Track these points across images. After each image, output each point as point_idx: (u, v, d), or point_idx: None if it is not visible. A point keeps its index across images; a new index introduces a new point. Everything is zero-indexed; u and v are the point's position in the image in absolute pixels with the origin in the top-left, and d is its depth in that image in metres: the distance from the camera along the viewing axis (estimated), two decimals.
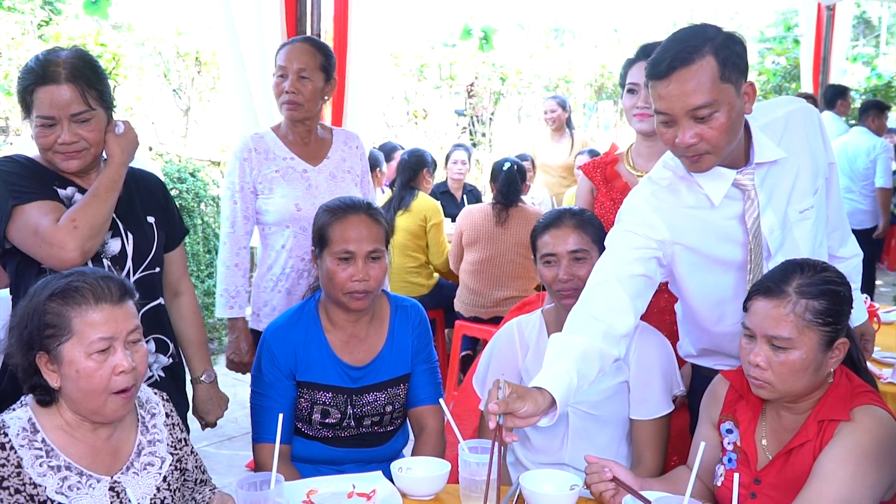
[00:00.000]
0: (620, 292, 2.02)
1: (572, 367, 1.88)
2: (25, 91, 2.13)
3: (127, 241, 2.28)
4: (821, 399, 1.83)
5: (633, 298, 2.03)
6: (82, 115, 2.12)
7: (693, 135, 1.90)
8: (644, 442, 2.31)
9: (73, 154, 2.15)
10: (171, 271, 2.46)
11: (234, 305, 3.04)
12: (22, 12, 7.80)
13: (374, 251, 2.28)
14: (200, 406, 2.53)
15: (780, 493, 1.80)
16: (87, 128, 2.14)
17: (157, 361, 2.39)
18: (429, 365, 2.44)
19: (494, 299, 4.71)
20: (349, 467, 2.33)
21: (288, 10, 3.86)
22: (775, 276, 1.82)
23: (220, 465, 4.12)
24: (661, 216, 2.09)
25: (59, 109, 2.10)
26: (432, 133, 10.96)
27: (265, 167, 2.99)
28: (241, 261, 3.04)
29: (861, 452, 1.72)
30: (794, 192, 2.08)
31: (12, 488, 1.67)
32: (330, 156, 3.10)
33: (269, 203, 3.00)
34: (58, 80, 2.09)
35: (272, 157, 3.01)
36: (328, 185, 3.04)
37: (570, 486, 1.96)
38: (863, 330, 2.43)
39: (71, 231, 2.08)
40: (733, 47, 1.90)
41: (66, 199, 2.21)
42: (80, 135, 2.13)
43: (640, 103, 2.63)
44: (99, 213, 2.13)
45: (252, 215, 3.04)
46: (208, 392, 2.53)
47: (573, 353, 1.91)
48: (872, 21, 19.72)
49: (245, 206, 3.01)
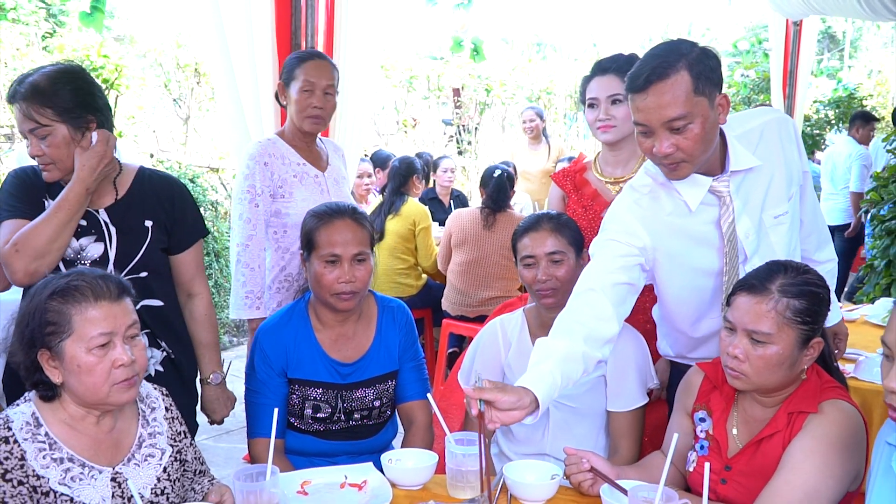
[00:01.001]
0: (604, 300, 2.02)
1: (556, 369, 1.89)
2: None
3: (110, 245, 2.26)
4: (791, 393, 1.84)
5: (617, 306, 2.04)
6: (36, 131, 2.15)
7: (669, 145, 1.92)
8: (620, 432, 2.32)
9: (46, 166, 2.19)
10: (182, 272, 2.43)
11: (259, 306, 2.98)
12: (27, 24, 7.75)
13: (359, 254, 2.28)
14: (208, 405, 2.52)
15: (749, 480, 1.81)
16: (46, 143, 2.16)
17: (153, 356, 2.37)
18: (416, 363, 2.44)
19: (480, 299, 4.72)
20: (341, 459, 2.33)
21: (279, 25, 3.85)
22: (760, 274, 1.83)
23: (219, 457, 4.10)
24: (642, 224, 2.10)
25: (20, 125, 2.17)
26: (421, 141, 10.97)
27: (283, 171, 2.98)
28: (262, 262, 3.00)
29: (828, 444, 1.73)
30: (769, 199, 2.10)
31: (15, 480, 1.66)
32: (331, 163, 3.14)
33: (290, 206, 2.97)
34: (15, 99, 2.16)
35: (287, 162, 3.00)
36: (334, 189, 3.08)
37: (551, 476, 1.97)
38: (836, 330, 2.44)
39: (13, 255, 2.10)
40: (707, 62, 1.92)
41: None
42: (41, 149, 2.16)
43: (602, 115, 2.64)
44: (43, 234, 2.11)
45: (269, 218, 3.01)
46: (215, 392, 2.51)
47: (556, 356, 1.92)
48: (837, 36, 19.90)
49: (266, 209, 2.98)
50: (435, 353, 5.17)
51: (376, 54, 4.21)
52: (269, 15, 3.81)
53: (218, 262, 6.32)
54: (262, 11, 3.78)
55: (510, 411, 1.78)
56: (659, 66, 1.88)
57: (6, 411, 1.74)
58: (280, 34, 3.86)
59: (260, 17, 3.78)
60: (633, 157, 2.70)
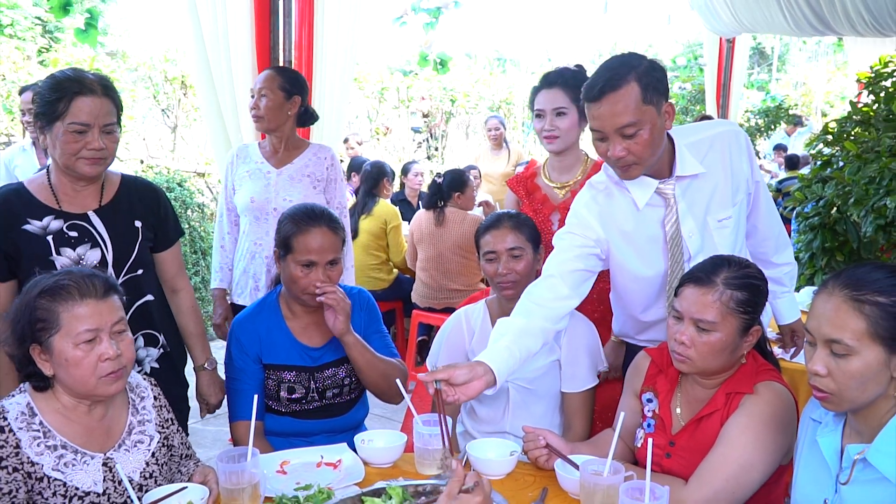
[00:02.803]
0: (562, 284, 2.06)
1: (513, 344, 1.91)
2: (59, 100, 2.05)
3: (107, 250, 2.21)
4: (730, 376, 1.85)
5: (574, 288, 2.08)
6: (111, 126, 2.11)
7: (622, 149, 1.93)
8: (573, 411, 2.33)
9: (97, 160, 2.12)
10: (166, 269, 2.40)
11: (222, 279, 3.31)
12: (23, 39, 7.61)
13: (333, 259, 2.26)
14: (203, 391, 2.47)
15: (691, 454, 1.81)
16: (110, 139, 2.12)
17: (149, 355, 2.33)
18: (380, 334, 2.42)
19: (444, 291, 4.72)
20: (318, 439, 2.30)
21: (259, 43, 3.85)
22: (706, 268, 1.83)
23: (206, 439, 4.05)
24: (598, 219, 2.12)
25: (95, 118, 2.07)
26: (392, 148, 10.94)
27: (240, 169, 3.23)
28: (225, 244, 3.31)
29: (761, 421, 1.74)
30: (713, 204, 2.10)
31: (10, 467, 1.63)
32: (294, 162, 3.20)
33: (237, 197, 3.22)
34: (96, 92, 2.07)
35: (248, 161, 3.23)
36: (284, 184, 3.16)
37: (510, 453, 1.97)
38: (794, 327, 2.44)
39: None
40: (654, 73, 1.92)
41: (42, 229, 2.14)
42: (105, 143, 2.10)
43: (547, 126, 2.61)
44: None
45: (233, 208, 3.27)
46: (210, 378, 2.47)
47: (514, 331, 1.95)
48: (766, 51, 20.18)
49: (228, 201, 3.28)
50: (406, 341, 5.15)
51: (349, 68, 4.20)
52: (248, 33, 3.81)
53: (205, 260, 6.24)
54: (242, 30, 3.79)
55: (468, 384, 1.81)
56: (612, 78, 1.89)
57: (2, 402, 1.70)
58: (260, 51, 3.86)
59: (240, 36, 3.79)
60: (578, 163, 2.71)
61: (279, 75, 3.15)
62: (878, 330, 1.41)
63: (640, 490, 1.55)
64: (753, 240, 2.28)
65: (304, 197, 3.10)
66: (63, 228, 2.16)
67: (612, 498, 1.61)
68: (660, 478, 1.73)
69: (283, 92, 3.11)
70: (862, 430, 1.51)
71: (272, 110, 3.11)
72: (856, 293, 1.43)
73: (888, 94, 3.79)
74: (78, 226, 2.18)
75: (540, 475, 1.92)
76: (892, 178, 3.12)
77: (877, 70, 3.98)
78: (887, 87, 3.85)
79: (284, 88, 3.11)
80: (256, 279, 3.19)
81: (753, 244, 2.29)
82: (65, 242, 2.15)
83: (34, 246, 2.13)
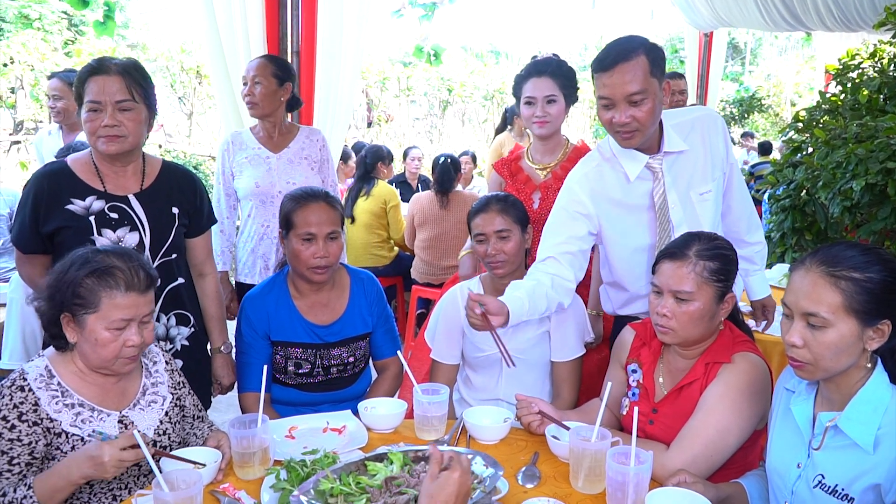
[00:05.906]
0: (561, 266, 2.09)
1: (525, 297, 1.96)
2: (81, 82, 2.03)
3: (144, 234, 2.14)
4: (708, 347, 1.84)
5: (573, 267, 2.12)
6: (125, 103, 2.03)
7: (628, 115, 1.96)
8: (562, 379, 2.31)
9: (113, 137, 2.05)
10: (195, 255, 2.34)
11: (224, 263, 3.14)
12: (50, 32, 7.52)
13: (332, 232, 2.21)
14: (218, 372, 2.40)
15: (672, 421, 1.80)
16: (127, 116, 2.05)
17: (180, 333, 2.29)
18: (387, 326, 2.39)
19: (443, 267, 4.69)
20: (323, 407, 2.28)
21: (269, 33, 3.79)
22: (678, 244, 1.83)
23: (222, 404, 4.01)
24: (589, 195, 2.13)
25: (107, 96, 2.02)
26: (393, 134, 10.87)
27: (238, 156, 3.11)
28: (224, 228, 3.15)
29: (737, 390, 1.73)
30: (694, 178, 2.13)
31: (30, 421, 1.63)
32: (290, 146, 3.13)
33: (239, 182, 3.10)
34: (109, 71, 2.03)
35: (244, 147, 3.11)
36: (285, 168, 3.08)
37: (504, 419, 1.95)
38: (765, 302, 2.42)
39: None
40: (658, 52, 1.98)
41: (84, 209, 2.08)
42: (120, 120, 2.04)
43: (539, 113, 2.59)
44: None
45: (232, 193, 3.15)
46: (225, 360, 2.41)
47: (526, 288, 1.99)
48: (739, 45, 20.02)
49: (226, 186, 3.14)
50: (406, 314, 5.12)
51: (354, 59, 4.13)
52: (259, 24, 3.75)
53: None
54: (254, 21, 3.73)
55: (497, 316, 1.87)
56: (624, 49, 1.93)
57: (22, 366, 1.71)
58: (270, 41, 3.80)
59: (252, 27, 3.73)
60: (559, 147, 2.70)
61: (271, 63, 3.06)
62: (853, 304, 1.39)
63: (625, 455, 1.53)
64: (728, 219, 2.29)
65: (305, 178, 3.05)
66: (105, 209, 2.09)
67: (599, 462, 1.60)
68: (644, 443, 1.71)
69: (275, 79, 3.02)
70: (833, 399, 1.49)
71: (266, 97, 3.01)
72: (832, 269, 1.41)
73: (854, 84, 3.75)
74: (119, 208, 2.12)
75: (532, 440, 1.90)
76: (857, 164, 3.07)
77: (844, 62, 3.95)
78: (853, 78, 3.81)
79: (277, 76, 3.03)
80: (266, 258, 3.13)
81: (727, 224, 2.29)
82: (106, 224, 2.09)
83: (76, 225, 2.07)
